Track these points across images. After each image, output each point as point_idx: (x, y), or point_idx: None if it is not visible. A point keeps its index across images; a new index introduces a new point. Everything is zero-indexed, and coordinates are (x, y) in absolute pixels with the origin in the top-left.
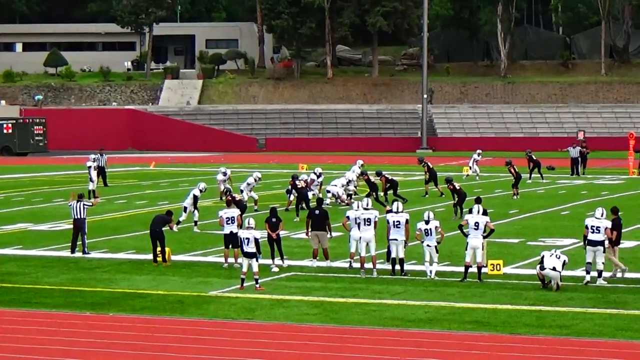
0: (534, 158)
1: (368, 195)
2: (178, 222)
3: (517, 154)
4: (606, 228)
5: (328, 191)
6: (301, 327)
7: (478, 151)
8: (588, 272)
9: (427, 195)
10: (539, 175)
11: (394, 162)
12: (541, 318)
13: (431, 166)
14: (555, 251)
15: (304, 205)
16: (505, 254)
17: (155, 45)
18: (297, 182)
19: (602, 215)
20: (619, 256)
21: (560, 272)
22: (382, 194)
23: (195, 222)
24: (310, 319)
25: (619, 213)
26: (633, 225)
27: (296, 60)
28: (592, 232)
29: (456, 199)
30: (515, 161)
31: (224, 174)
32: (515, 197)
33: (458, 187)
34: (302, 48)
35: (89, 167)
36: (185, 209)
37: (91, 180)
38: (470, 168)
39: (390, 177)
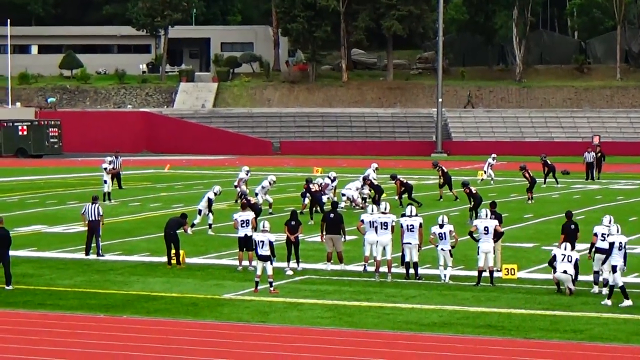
0: (549, 163)
1: (374, 200)
2: (193, 225)
3: (531, 158)
4: None
5: (343, 194)
6: (315, 330)
7: (493, 155)
8: (596, 283)
9: (441, 199)
10: (554, 179)
11: (408, 166)
12: (555, 322)
13: (445, 170)
14: (565, 250)
15: (318, 208)
16: (520, 259)
17: (171, 48)
18: (311, 185)
19: (610, 223)
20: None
21: (572, 275)
22: (396, 197)
23: (210, 225)
24: (324, 322)
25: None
26: None
27: (311, 64)
28: (603, 240)
29: (472, 203)
30: (530, 165)
31: (247, 172)
32: (529, 201)
33: (474, 191)
34: (317, 51)
35: (105, 168)
36: (200, 211)
37: (105, 182)
38: (485, 172)
39: (404, 181)
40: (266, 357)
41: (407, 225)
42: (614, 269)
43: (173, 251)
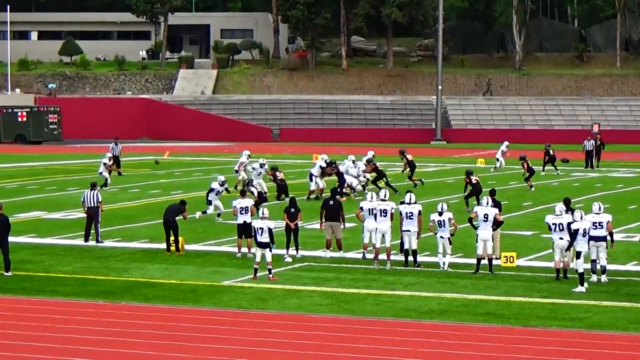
0: (552, 153)
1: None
2: (204, 212)
3: (531, 146)
4: (608, 222)
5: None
6: (313, 317)
7: (506, 143)
8: (594, 272)
9: (416, 187)
10: (553, 168)
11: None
12: (554, 310)
13: (410, 158)
14: (562, 214)
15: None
16: (519, 246)
17: (170, 35)
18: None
19: (600, 210)
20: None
21: (568, 241)
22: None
23: (204, 212)
24: (323, 310)
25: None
26: None
27: (311, 51)
28: (595, 228)
29: (468, 191)
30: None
31: (248, 156)
32: (531, 189)
33: (475, 181)
34: (317, 38)
35: (104, 164)
36: (209, 202)
37: (100, 173)
38: (498, 160)
39: (378, 167)
40: (265, 344)
41: (407, 213)
42: (578, 255)
43: (172, 238)
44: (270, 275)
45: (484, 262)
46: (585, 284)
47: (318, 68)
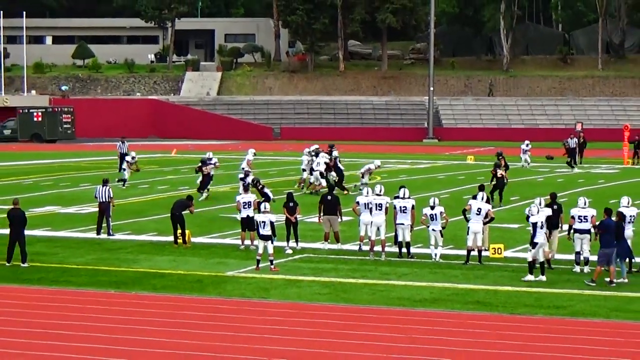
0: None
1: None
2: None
3: (517, 143)
4: (592, 216)
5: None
6: (313, 305)
7: (526, 142)
8: (577, 263)
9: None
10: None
11: (401, 151)
12: (539, 299)
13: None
14: (538, 206)
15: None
16: (506, 239)
17: (177, 39)
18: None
19: (585, 204)
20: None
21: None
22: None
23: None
24: (322, 299)
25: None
26: None
27: (310, 54)
28: (580, 222)
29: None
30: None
31: (254, 154)
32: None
33: (500, 175)
34: (315, 42)
35: (128, 162)
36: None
37: (123, 170)
38: (522, 158)
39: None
40: (267, 332)
41: (400, 207)
42: (533, 245)
43: (179, 231)
44: (272, 266)
45: (474, 253)
46: (533, 275)
47: (317, 70)
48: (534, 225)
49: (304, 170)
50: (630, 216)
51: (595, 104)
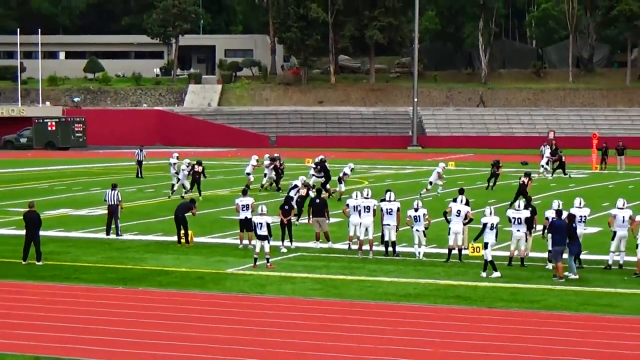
0: (563, 159)
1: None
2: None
3: (495, 151)
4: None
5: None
6: (306, 300)
7: (542, 148)
8: (550, 261)
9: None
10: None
11: (388, 157)
12: (515, 294)
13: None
14: (521, 209)
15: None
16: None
17: (181, 54)
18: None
19: (559, 206)
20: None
21: (525, 232)
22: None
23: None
24: (314, 294)
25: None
26: (596, 213)
27: (303, 68)
28: (580, 222)
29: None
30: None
31: (257, 160)
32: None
33: (521, 182)
34: (308, 57)
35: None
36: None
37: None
38: (543, 167)
39: (279, 166)
40: (264, 324)
41: (387, 209)
42: (485, 245)
43: (182, 231)
44: (268, 264)
45: (455, 252)
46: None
47: (310, 83)
48: (484, 225)
49: (248, 174)
50: (581, 216)
51: (566, 114)
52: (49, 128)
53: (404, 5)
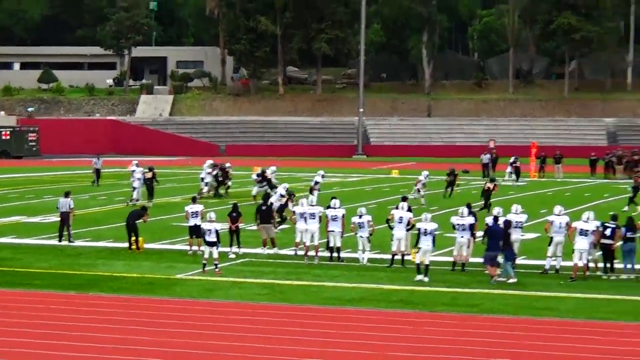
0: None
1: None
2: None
3: (438, 159)
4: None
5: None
6: (253, 305)
7: (513, 158)
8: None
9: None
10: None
11: (334, 166)
12: (455, 298)
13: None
14: (464, 216)
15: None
16: None
17: (133, 65)
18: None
19: (517, 211)
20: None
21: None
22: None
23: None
24: (261, 299)
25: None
26: (534, 220)
27: (253, 79)
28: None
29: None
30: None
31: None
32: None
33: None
34: (257, 69)
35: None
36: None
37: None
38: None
39: (226, 170)
40: (213, 328)
41: (332, 216)
42: (418, 249)
43: (133, 238)
44: (217, 270)
45: (397, 257)
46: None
47: (259, 94)
48: (419, 230)
49: (202, 179)
50: (517, 222)
51: (506, 124)
52: (3, 137)
53: (350, 18)
